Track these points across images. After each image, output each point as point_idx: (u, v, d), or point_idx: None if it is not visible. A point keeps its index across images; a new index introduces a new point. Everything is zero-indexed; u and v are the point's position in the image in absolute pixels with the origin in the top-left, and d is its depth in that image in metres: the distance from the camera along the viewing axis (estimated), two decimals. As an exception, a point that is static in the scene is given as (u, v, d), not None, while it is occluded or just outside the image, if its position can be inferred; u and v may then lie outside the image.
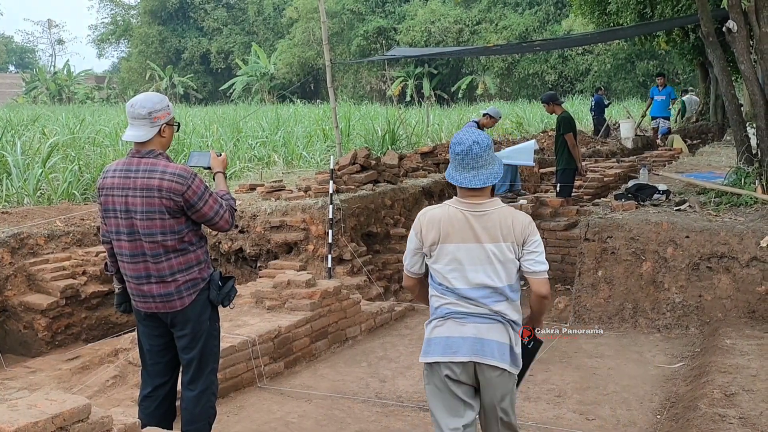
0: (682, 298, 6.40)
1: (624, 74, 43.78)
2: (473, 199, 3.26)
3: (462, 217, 3.25)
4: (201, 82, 63.67)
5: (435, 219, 3.30)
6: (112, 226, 3.86)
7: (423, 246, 3.32)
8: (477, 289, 3.23)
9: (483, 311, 3.24)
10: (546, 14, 47.86)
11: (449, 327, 3.27)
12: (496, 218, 3.25)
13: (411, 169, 9.62)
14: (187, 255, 3.89)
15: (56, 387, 5.50)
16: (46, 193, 10.02)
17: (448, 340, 3.25)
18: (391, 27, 52.83)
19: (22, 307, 6.94)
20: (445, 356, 3.24)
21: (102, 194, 3.88)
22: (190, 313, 3.93)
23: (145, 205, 3.75)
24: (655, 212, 6.82)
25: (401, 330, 6.96)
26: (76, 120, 18.74)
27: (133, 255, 3.83)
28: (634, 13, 17.22)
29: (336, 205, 7.56)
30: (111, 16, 71.48)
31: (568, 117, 10.03)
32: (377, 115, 22.77)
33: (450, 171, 3.32)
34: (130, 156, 3.87)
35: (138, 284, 3.88)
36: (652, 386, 5.39)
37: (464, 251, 3.24)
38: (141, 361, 4.18)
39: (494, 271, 3.24)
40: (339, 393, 5.45)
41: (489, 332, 3.23)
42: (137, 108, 3.79)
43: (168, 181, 3.74)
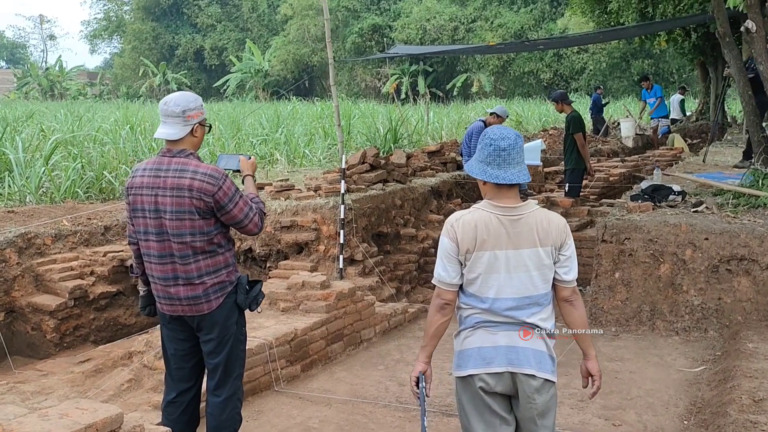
0: (701, 300, 6.33)
1: (619, 73, 43.84)
2: (507, 201, 3.05)
3: (497, 222, 3.04)
4: (194, 78, 63.40)
5: (470, 224, 3.06)
6: (141, 226, 3.77)
7: (459, 252, 3.09)
8: (512, 299, 3.05)
9: (516, 322, 3.07)
10: (541, 12, 47.87)
11: (480, 337, 3.10)
12: (533, 222, 3.06)
13: (419, 168, 9.54)
14: (216, 257, 3.80)
15: (69, 391, 5.40)
16: (49, 191, 9.88)
17: (480, 351, 3.08)
18: (386, 24, 52.73)
19: (30, 308, 6.83)
20: (478, 368, 3.07)
21: (131, 193, 3.79)
22: (217, 316, 3.84)
23: (174, 205, 3.66)
24: (672, 214, 6.75)
25: (415, 332, 6.88)
26: (74, 117, 18.58)
27: (161, 256, 3.75)
28: (635, 12, 17.21)
29: (347, 205, 7.46)
30: (104, 12, 71.15)
31: (577, 116, 9.96)
32: (376, 112, 22.69)
33: (486, 169, 3.06)
34: (160, 155, 3.78)
35: (165, 286, 3.79)
36: (676, 391, 5.32)
37: (500, 258, 3.05)
38: (165, 366, 4.08)
39: (530, 278, 3.07)
40: (359, 397, 5.36)
41: (522, 340, 3.07)
42: (171, 106, 3.71)
43: (199, 181, 3.65)
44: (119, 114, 21.97)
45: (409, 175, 9.01)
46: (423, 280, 8.34)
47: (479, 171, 3.10)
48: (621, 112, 25.83)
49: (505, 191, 3.06)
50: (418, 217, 8.67)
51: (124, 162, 11.21)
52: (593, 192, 11.26)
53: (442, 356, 5.97)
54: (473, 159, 3.19)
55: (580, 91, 43.48)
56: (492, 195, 3.09)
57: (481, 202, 3.15)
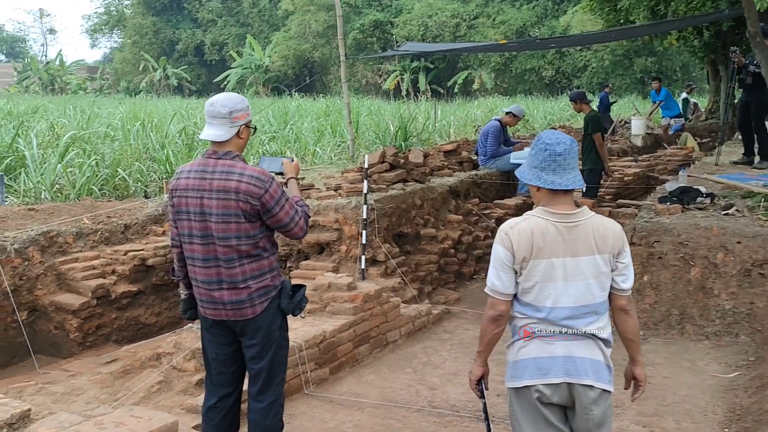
0: (732, 305, 6.28)
1: (622, 70, 43.78)
2: (563, 207, 3.00)
3: (554, 230, 2.98)
4: (195, 73, 63.22)
5: (525, 232, 3.00)
6: (185, 229, 3.72)
7: (514, 261, 3.03)
8: (569, 308, 2.99)
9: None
10: (544, 9, 47.79)
11: (536, 347, 3.04)
12: (589, 228, 3.00)
13: (436, 167, 9.47)
14: (261, 261, 3.74)
15: (99, 392, 5.34)
16: (64, 189, 9.80)
17: (537, 362, 3.01)
18: (388, 21, 52.60)
19: (53, 307, 6.75)
20: (535, 379, 3.01)
21: (175, 195, 3.73)
22: (261, 321, 3.78)
23: (220, 208, 3.60)
24: (703, 216, 6.70)
25: (441, 334, 6.83)
26: (81, 112, 18.47)
27: (206, 259, 3.69)
28: (646, 10, 17.11)
29: (370, 205, 7.40)
30: (104, 6, 70.92)
31: (596, 116, 9.91)
32: (381, 110, 22.60)
33: (540, 175, 3.02)
34: (205, 157, 3.72)
35: (209, 290, 3.73)
36: (712, 397, 5.27)
37: (557, 267, 2.99)
38: (206, 371, 4.03)
39: (587, 286, 3.00)
40: (390, 401, 5.31)
41: (579, 349, 3.01)
42: (218, 107, 3.65)
43: (246, 184, 3.59)
44: (123, 109, 21.86)
45: (427, 174, 8.93)
46: (444, 281, 8.28)
47: (533, 177, 3.05)
48: (628, 109, 25.73)
49: (560, 197, 3.02)
50: (437, 217, 8.61)
51: (138, 159, 11.12)
52: (608, 192, 11.19)
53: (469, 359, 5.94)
54: (525, 164, 3.14)
55: (583, 89, 43.41)
56: (546, 201, 3.04)
57: (535, 208, 3.08)
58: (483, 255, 8.93)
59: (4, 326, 6.59)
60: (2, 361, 6.55)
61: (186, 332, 5.74)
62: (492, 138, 10.40)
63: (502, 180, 10.46)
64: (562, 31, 43.94)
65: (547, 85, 46.73)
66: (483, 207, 9.46)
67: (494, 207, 9.61)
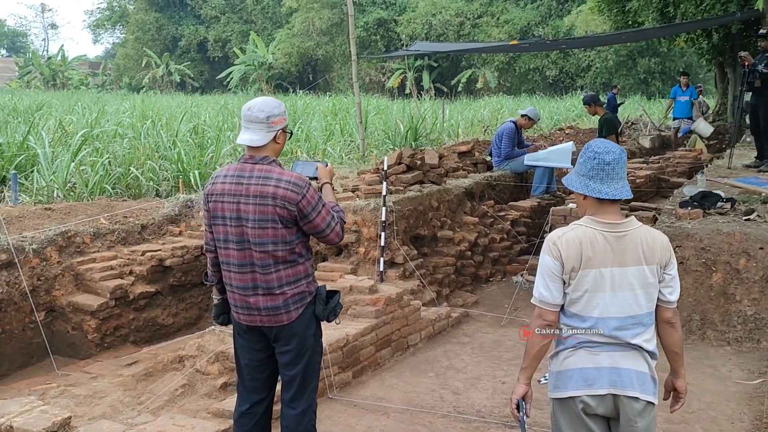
0: (754, 310, 6.26)
1: (625, 71, 43.77)
2: (610, 217, 2.98)
3: (602, 239, 2.96)
4: (198, 70, 63.20)
5: (574, 242, 2.98)
6: (221, 234, 3.70)
7: (563, 271, 3.00)
8: (617, 319, 2.97)
9: (619, 342, 2.99)
10: (548, 9, 47.76)
11: (582, 357, 3.01)
12: (637, 239, 2.98)
13: (451, 168, 9.44)
14: (296, 267, 3.72)
15: (122, 395, 5.32)
16: (77, 187, 9.78)
17: (582, 372, 3.00)
18: (392, 19, 52.57)
19: (71, 308, 6.74)
20: (580, 390, 2.99)
21: (211, 200, 3.72)
22: (296, 328, 3.76)
23: (257, 213, 3.58)
24: (724, 222, 6.67)
25: (460, 337, 6.81)
26: (88, 109, 18.44)
27: (242, 264, 3.67)
28: (655, 12, 17.08)
29: (389, 207, 7.37)
30: (107, 2, 70.78)
31: (611, 119, 9.90)
32: (388, 108, 22.57)
33: (588, 183, 3.00)
34: (242, 162, 3.70)
35: (244, 295, 3.71)
36: (738, 404, 5.25)
37: (606, 277, 2.96)
38: (238, 376, 4.01)
39: (635, 297, 2.98)
40: (415, 406, 5.29)
41: (625, 360, 2.98)
42: (255, 112, 3.63)
43: (283, 189, 3.57)
44: (128, 105, 21.84)
45: (443, 175, 8.91)
46: (461, 284, 8.25)
47: (581, 185, 3.03)
48: (636, 110, 25.67)
49: (608, 206, 2.99)
50: (453, 219, 8.58)
51: (150, 157, 11.10)
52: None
53: (491, 363, 5.93)
54: (573, 172, 3.11)
55: (586, 89, 43.40)
56: (593, 210, 3.02)
57: (583, 218, 3.06)
58: (499, 257, 8.91)
59: (22, 327, 6.58)
60: (20, 361, 6.54)
61: (209, 335, 5.72)
62: (506, 139, 10.37)
63: (516, 182, 10.43)
64: (566, 30, 43.93)
65: (551, 85, 46.73)
66: (498, 209, 9.44)
67: (509, 209, 9.58)
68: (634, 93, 40.06)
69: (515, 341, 6.60)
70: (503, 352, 6.40)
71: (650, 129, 19.23)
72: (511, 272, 8.81)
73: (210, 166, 11.14)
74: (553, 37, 41.86)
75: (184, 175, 10.43)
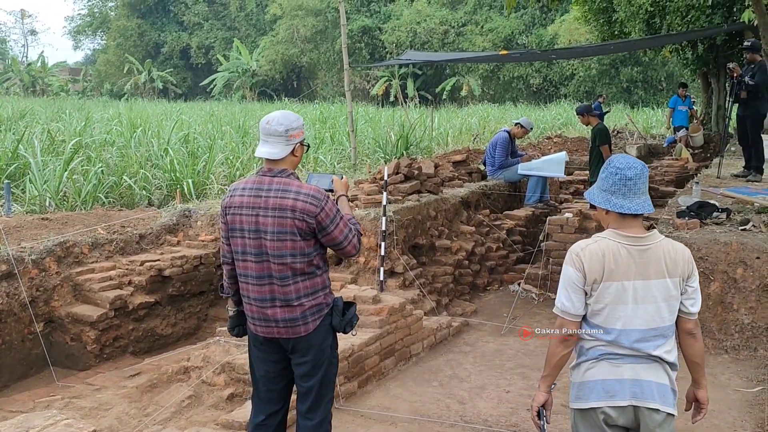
0: (751, 319, 6.35)
1: (608, 79, 44.14)
2: (633, 230, 3.04)
3: (625, 252, 3.01)
4: (180, 77, 63.05)
5: (597, 254, 3.03)
6: (239, 246, 3.71)
7: (585, 283, 3.06)
8: (639, 331, 3.02)
9: (641, 354, 3.04)
10: (532, 18, 48.10)
11: (603, 369, 3.07)
12: (660, 252, 3.03)
13: (447, 178, 9.49)
14: (314, 279, 3.74)
15: (128, 407, 5.30)
16: (69, 197, 9.73)
17: (604, 384, 3.06)
18: (376, 27, 52.74)
19: (70, 319, 6.69)
20: (601, 401, 3.05)
21: (229, 213, 3.73)
22: (313, 339, 3.78)
23: (276, 226, 3.61)
24: (721, 232, 6.76)
25: (462, 347, 6.84)
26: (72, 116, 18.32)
27: (260, 277, 3.68)
28: (642, 23, 17.25)
29: (389, 217, 7.40)
30: (88, 8, 70.40)
31: (604, 129, 9.98)
32: (376, 117, 22.61)
33: (611, 198, 3.06)
34: (260, 175, 3.73)
35: (261, 307, 3.72)
36: (739, 412, 5.32)
37: (628, 289, 3.02)
38: (253, 387, 4.01)
39: (657, 309, 3.03)
40: (422, 416, 5.30)
41: (646, 372, 3.03)
42: (274, 125, 3.67)
43: (302, 202, 3.60)
44: (113, 112, 21.72)
45: (439, 185, 8.95)
46: (459, 293, 8.29)
47: (603, 200, 3.09)
48: (622, 119, 25.88)
49: (630, 221, 3.06)
50: (450, 228, 8.62)
51: (143, 166, 11.06)
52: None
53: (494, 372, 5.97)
54: (595, 187, 3.16)
55: (569, 97, 43.76)
56: (616, 224, 3.08)
57: (606, 231, 3.11)
58: (495, 266, 8.96)
59: (21, 338, 6.54)
60: (20, 372, 6.50)
61: (214, 345, 5.72)
62: (500, 149, 10.45)
63: (510, 191, 10.50)
64: (550, 39, 44.27)
65: (535, 93, 47.04)
66: (493, 218, 9.50)
67: (504, 218, 9.65)
68: (617, 102, 40.41)
69: (516, 350, 6.66)
70: (505, 360, 6.44)
71: (636, 138, 19.42)
72: (508, 281, 8.87)
73: (203, 175, 11.12)
74: (537, 46, 42.22)
75: (178, 184, 10.40)
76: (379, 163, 11.85)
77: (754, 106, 10.18)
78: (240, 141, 14.75)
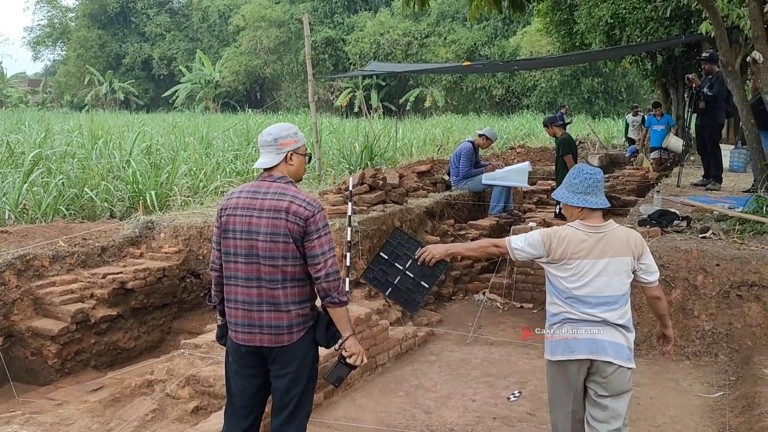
0: (711, 325, 6.46)
1: (570, 90, 44.74)
2: (595, 221, 3.78)
3: (587, 237, 3.75)
4: (142, 88, 62.46)
5: (564, 237, 3.78)
6: (230, 247, 3.70)
7: (545, 255, 3.80)
8: (596, 298, 3.72)
9: (596, 320, 3.73)
10: (494, 29, 48.60)
11: (566, 331, 3.79)
12: (615, 236, 3.77)
13: (411, 188, 9.53)
14: (304, 288, 3.72)
15: (90, 422, 5.21)
16: (29, 209, 9.57)
17: (567, 342, 3.77)
18: (340, 38, 52.86)
19: (30, 333, 6.58)
20: (565, 356, 3.78)
21: (224, 215, 3.73)
22: (296, 350, 3.73)
23: (270, 227, 3.61)
24: (682, 239, 6.88)
25: (427, 356, 6.85)
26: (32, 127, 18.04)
27: (248, 279, 3.67)
28: (602, 34, 17.52)
29: (354, 227, 7.41)
30: (48, 18, 69.42)
31: (568, 139, 10.10)
32: (341, 127, 22.63)
33: (586, 198, 3.77)
34: (260, 179, 3.76)
35: (248, 310, 3.69)
36: (701, 417, 5.40)
37: (588, 266, 3.72)
38: (228, 401, 3.94)
39: (613, 281, 3.73)
40: (388, 426, 5.30)
41: (600, 334, 3.73)
42: (264, 136, 3.77)
43: (297, 206, 3.62)
44: (74, 124, 21.44)
45: (404, 195, 8.99)
46: (424, 303, 8.30)
47: (580, 200, 3.80)
48: (583, 128, 26.22)
49: (596, 213, 3.81)
50: (415, 239, 8.64)
51: (104, 178, 10.92)
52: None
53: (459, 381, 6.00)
54: (565, 191, 3.86)
55: (532, 108, 44.25)
56: (583, 217, 3.81)
57: (574, 222, 3.82)
58: (460, 276, 9.00)
59: (-21, 353, 6.40)
60: (-22, 388, 6.36)
61: (178, 358, 5.65)
62: (465, 159, 10.52)
63: (474, 201, 10.57)
64: (512, 51, 44.75)
65: (498, 104, 47.50)
66: (458, 228, 9.55)
67: (469, 227, 9.70)
68: (579, 112, 40.98)
69: (482, 359, 6.69)
70: (470, 369, 6.46)
71: (598, 148, 19.69)
72: (472, 290, 8.91)
73: (166, 187, 11.01)
74: (500, 57, 42.63)
75: (141, 196, 10.28)
76: (344, 174, 11.84)
77: (713, 117, 10.40)
78: (204, 152, 14.62)
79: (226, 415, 3.94)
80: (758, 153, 7.64)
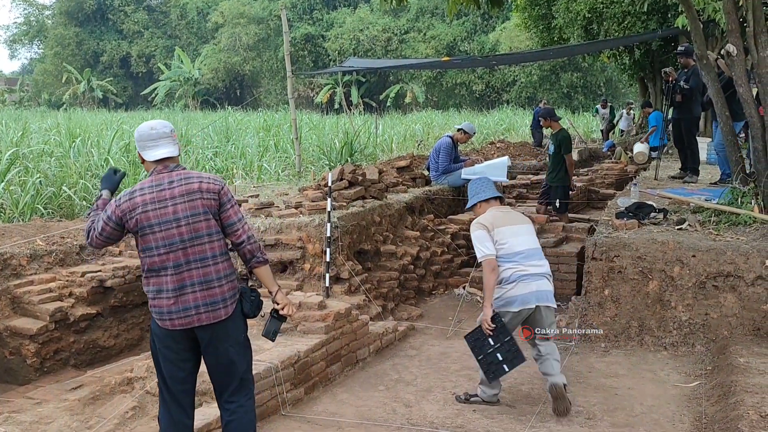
0: (688, 316, 6.53)
1: (549, 85, 44.97)
2: (499, 206, 5.48)
3: (502, 215, 5.34)
4: (121, 86, 62.00)
5: (490, 218, 5.26)
6: (151, 242, 3.80)
7: (489, 233, 5.16)
8: (531, 249, 5.23)
9: (539, 273, 5.19)
10: (473, 25, 48.70)
11: (520, 288, 5.14)
12: (515, 213, 5.63)
13: (391, 183, 9.55)
14: (228, 260, 3.95)
15: (70, 420, 5.18)
16: (6, 208, 9.49)
17: (522, 296, 5.16)
18: (319, 34, 52.74)
19: (8, 332, 6.54)
20: (521, 306, 5.17)
21: (136, 214, 3.78)
22: (233, 322, 3.93)
23: (188, 210, 3.79)
24: (659, 231, 6.95)
25: (407, 350, 6.88)
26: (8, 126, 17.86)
27: (177, 265, 3.79)
28: (580, 29, 17.62)
29: (333, 223, 7.41)
30: (24, 17, 68.72)
31: (567, 136, 10.02)
32: (321, 124, 22.59)
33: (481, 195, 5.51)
34: (155, 174, 3.87)
35: (180, 295, 3.80)
36: (678, 406, 5.46)
37: (513, 229, 5.24)
38: (168, 396, 3.98)
39: (531, 238, 5.33)
40: (368, 420, 5.32)
41: (543, 285, 5.22)
42: (159, 129, 3.93)
43: (207, 183, 3.87)
44: (51, 122, 21.24)
45: (383, 191, 9.01)
46: (405, 297, 8.34)
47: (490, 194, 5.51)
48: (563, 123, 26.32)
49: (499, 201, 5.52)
50: (395, 234, 8.67)
51: (82, 176, 10.85)
52: (553, 206, 11.42)
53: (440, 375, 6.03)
54: (471, 194, 5.59)
55: (512, 103, 44.41)
56: (492, 207, 5.43)
57: (489, 210, 5.38)
58: (440, 270, 9.04)
59: (-44, 353, 6.35)
60: (-44, 388, 6.31)
61: (158, 356, 5.62)
62: (444, 154, 10.55)
63: (453, 196, 10.60)
64: (491, 46, 44.87)
65: (478, 99, 47.62)
66: (438, 222, 9.58)
67: (448, 222, 9.74)
68: (558, 107, 41.13)
69: (462, 352, 6.71)
70: (450, 363, 6.50)
71: (578, 142, 19.78)
72: (453, 285, 8.95)
73: (145, 184, 10.94)
74: (479, 52, 42.72)
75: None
76: (324, 170, 11.83)
77: (689, 110, 10.50)
78: (183, 150, 14.55)
79: (163, 419, 4.00)
80: (733, 146, 7.73)
